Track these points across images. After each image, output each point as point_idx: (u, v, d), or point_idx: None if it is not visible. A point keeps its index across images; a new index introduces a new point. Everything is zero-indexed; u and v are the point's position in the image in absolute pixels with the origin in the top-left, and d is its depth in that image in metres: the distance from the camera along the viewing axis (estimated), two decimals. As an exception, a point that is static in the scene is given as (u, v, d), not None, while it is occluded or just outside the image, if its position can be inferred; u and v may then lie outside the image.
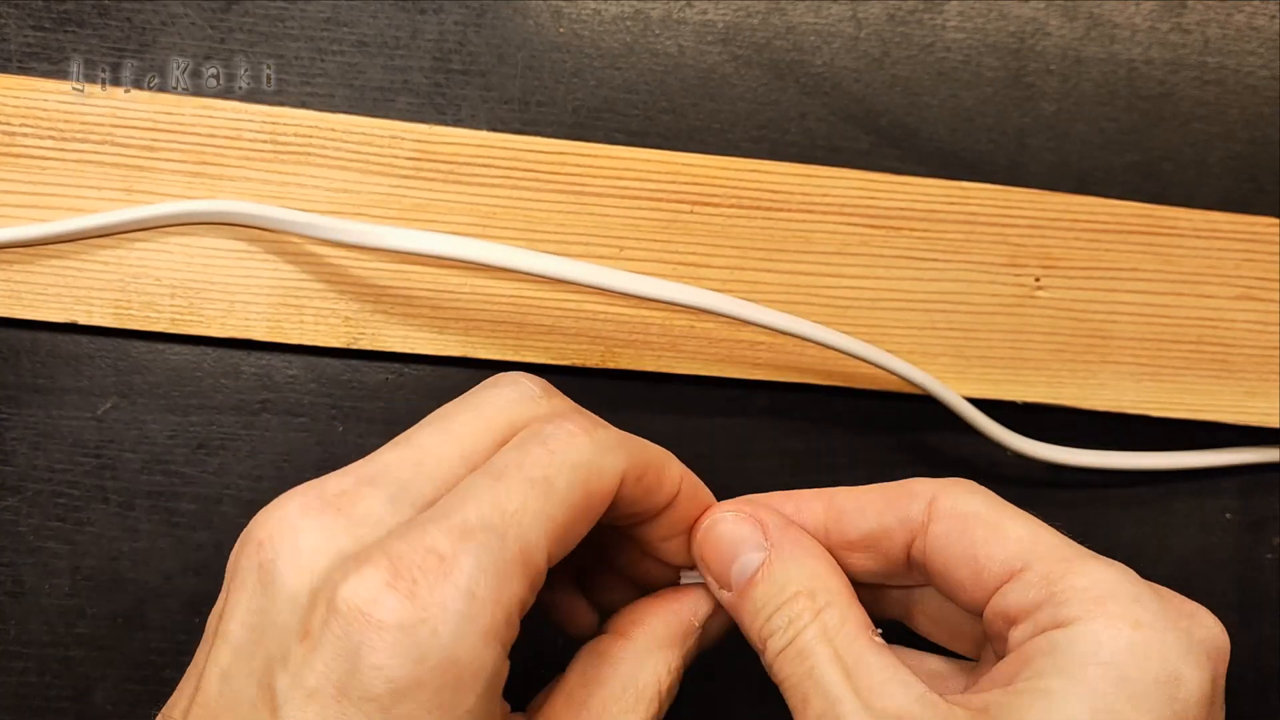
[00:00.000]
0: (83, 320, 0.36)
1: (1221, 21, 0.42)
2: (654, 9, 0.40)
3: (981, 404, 0.39)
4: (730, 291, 0.38)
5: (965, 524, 0.27)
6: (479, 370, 0.39)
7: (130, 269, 0.37)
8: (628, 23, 0.40)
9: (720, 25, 0.40)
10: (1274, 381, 0.41)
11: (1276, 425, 0.41)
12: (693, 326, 0.39)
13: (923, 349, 0.40)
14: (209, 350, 0.38)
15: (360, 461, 0.26)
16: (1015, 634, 0.26)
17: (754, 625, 0.27)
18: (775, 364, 0.39)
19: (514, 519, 0.24)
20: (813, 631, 0.26)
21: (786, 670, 0.26)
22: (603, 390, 0.39)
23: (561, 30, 0.39)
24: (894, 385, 0.39)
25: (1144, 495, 0.42)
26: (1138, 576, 0.26)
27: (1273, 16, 0.42)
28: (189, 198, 0.37)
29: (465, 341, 0.38)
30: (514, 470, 0.25)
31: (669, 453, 0.29)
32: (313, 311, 0.37)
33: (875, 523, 0.28)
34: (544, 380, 0.29)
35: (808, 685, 0.26)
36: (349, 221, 0.36)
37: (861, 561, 0.29)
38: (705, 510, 0.30)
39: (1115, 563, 0.26)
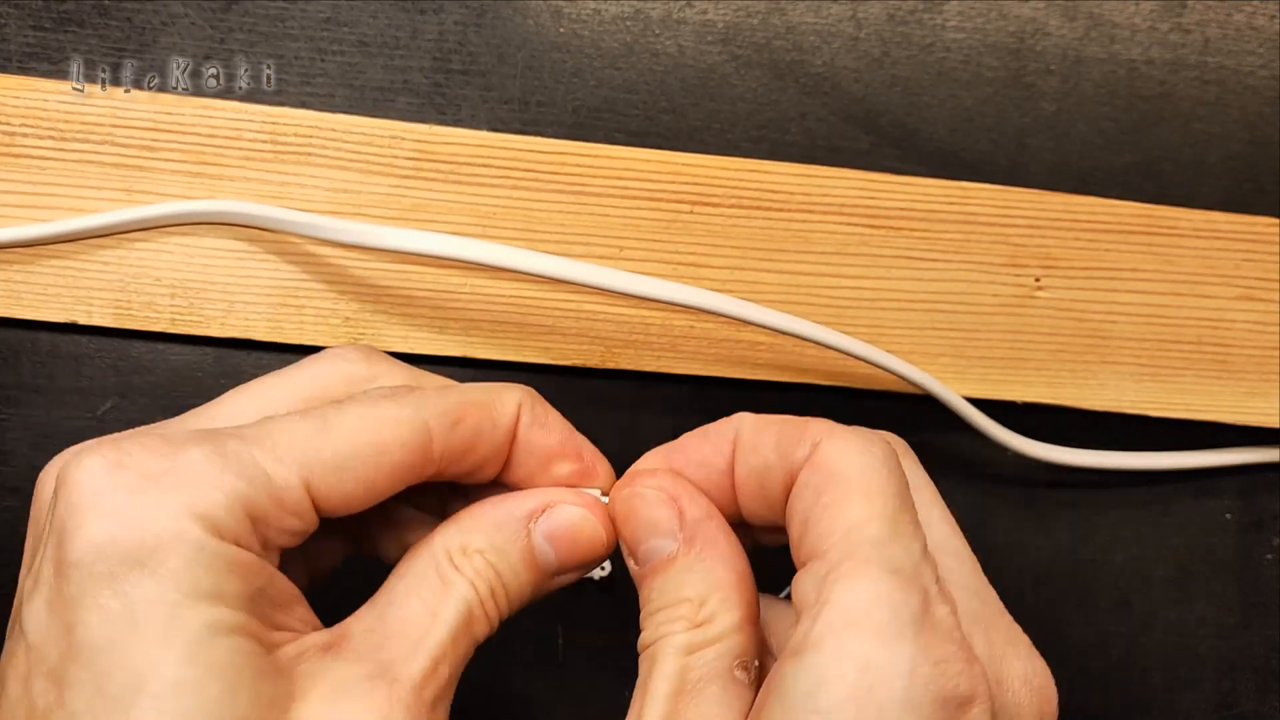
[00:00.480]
0: (83, 320, 0.36)
1: (1221, 21, 0.42)
2: (654, 9, 0.40)
3: (981, 404, 0.39)
4: (730, 292, 0.38)
5: (825, 481, 0.24)
6: (479, 370, 0.39)
7: (130, 269, 0.37)
8: (628, 23, 0.40)
9: (720, 25, 0.40)
10: (1274, 382, 0.41)
11: (1276, 425, 0.41)
12: (692, 327, 0.39)
13: (922, 349, 0.40)
14: (209, 350, 0.38)
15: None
16: (789, 638, 0.23)
17: (645, 608, 0.26)
18: (775, 364, 0.39)
19: (268, 434, 0.23)
20: (677, 642, 0.24)
21: (640, 665, 0.25)
22: (603, 390, 0.39)
23: (561, 30, 0.39)
24: (894, 385, 0.39)
25: (1144, 495, 0.42)
26: (927, 594, 0.22)
27: (1272, 16, 0.42)
28: (189, 198, 0.37)
29: (465, 342, 0.38)
30: (294, 410, 0.25)
31: (510, 389, 0.28)
32: (313, 312, 0.37)
33: (764, 461, 0.26)
34: (369, 348, 0.29)
35: (639, 689, 0.25)
36: (349, 221, 0.36)
37: (750, 501, 0.27)
38: (563, 445, 0.28)
39: (908, 573, 0.22)
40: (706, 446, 0.27)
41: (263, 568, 0.23)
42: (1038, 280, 0.40)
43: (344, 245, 0.36)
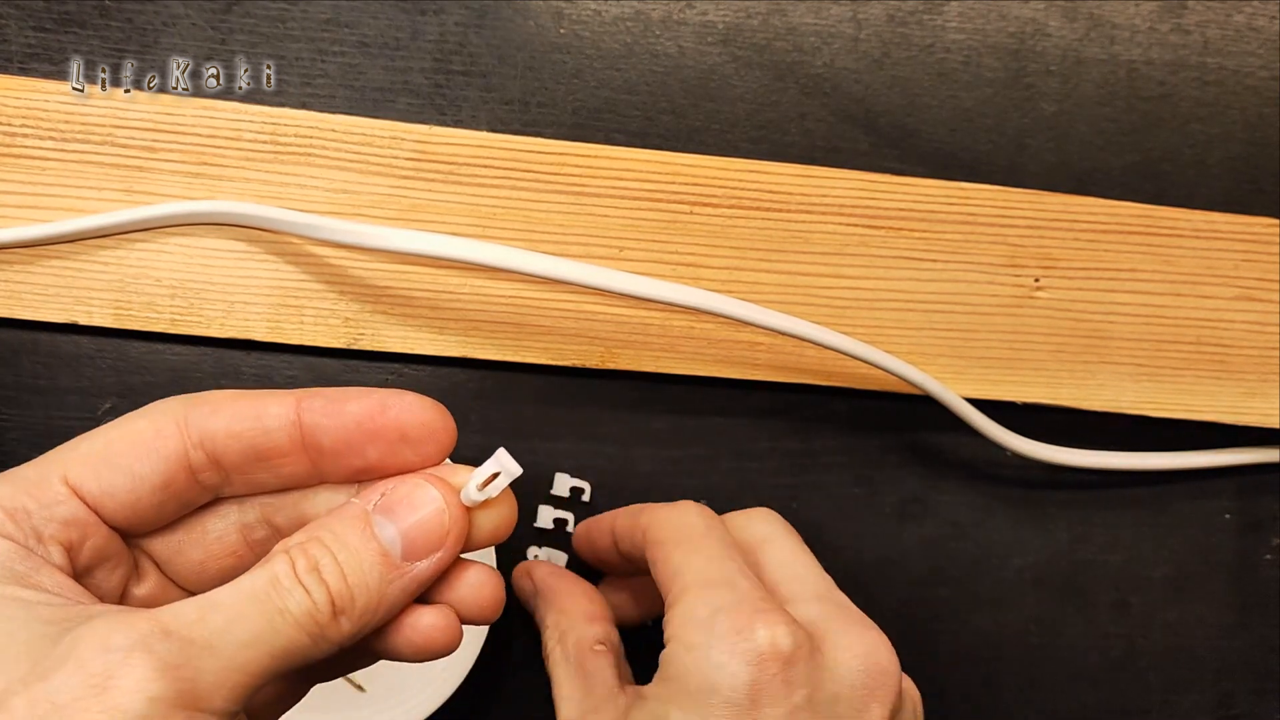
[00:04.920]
0: (83, 321, 0.36)
1: (1221, 22, 0.42)
2: (654, 10, 0.40)
3: (981, 404, 0.39)
4: (729, 292, 0.38)
5: (655, 550, 0.34)
6: (479, 370, 0.39)
7: (130, 270, 0.37)
8: (628, 24, 0.40)
9: (720, 26, 0.40)
10: (1273, 382, 0.41)
11: (1275, 425, 0.41)
12: (692, 327, 0.39)
13: (922, 349, 0.40)
14: (209, 351, 0.38)
15: None
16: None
17: None
18: (774, 364, 0.39)
19: (45, 456, 0.27)
20: (557, 652, 0.35)
21: (547, 668, 0.36)
22: (602, 390, 0.39)
23: (562, 31, 0.39)
24: (893, 385, 0.39)
25: (1144, 495, 0.42)
26: (727, 599, 0.31)
27: (1272, 17, 0.42)
28: (189, 198, 0.37)
29: (465, 342, 0.38)
30: None
31: (280, 394, 0.28)
32: (313, 312, 0.37)
33: (631, 543, 0.35)
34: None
35: (552, 679, 0.35)
36: (349, 222, 0.36)
37: (632, 565, 0.36)
38: (370, 414, 0.28)
39: (714, 586, 0.31)
40: (595, 533, 0.38)
41: (20, 551, 0.25)
42: (1037, 281, 0.40)
43: (344, 245, 0.36)
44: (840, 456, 0.41)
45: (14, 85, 0.36)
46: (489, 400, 0.39)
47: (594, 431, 0.39)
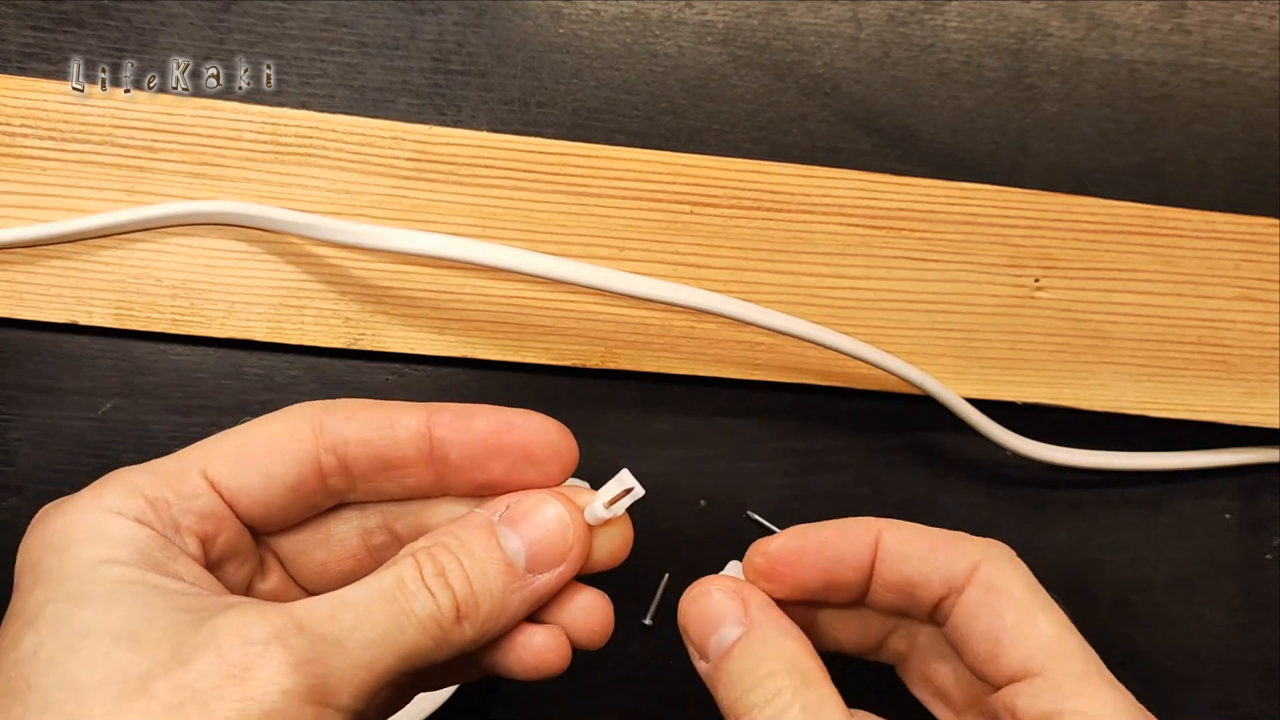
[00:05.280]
0: (84, 321, 0.36)
1: (1222, 23, 0.42)
2: (653, 10, 0.40)
3: (982, 405, 0.39)
4: (730, 292, 0.38)
5: (999, 601, 0.27)
6: (479, 370, 0.39)
7: (131, 270, 0.37)
8: (627, 23, 0.40)
9: (720, 26, 0.40)
10: (1274, 382, 0.41)
11: (1276, 425, 0.41)
12: (693, 327, 0.39)
13: (923, 350, 0.40)
14: (211, 351, 0.38)
15: None
16: None
17: (729, 696, 0.27)
18: (775, 364, 0.39)
19: (185, 448, 0.27)
20: (795, 710, 0.26)
21: None
22: (603, 390, 0.39)
23: (561, 31, 0.39)
24: (894, 386, 0.39)
25: (1144, 495, 0.42)
26: (1137, 704, 0.27)
27: (1273, 17, 0.42)
28: (190, 198, 0.37)
29: (466, 342, 0.38)
30: None
31: (412, 406, 0.28)
32: (314, 312, 0.37)
33: (918, 572, 0.28)
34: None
35: None
36: (349, 222, 0.36)
37: (888, 598, 0.29)
38: (497, 431, 0.28)
39: (1120, 687, 0.27)
40: (843, 543, 0.29)
41: (159, 539, 0.26)
42: (1037, 281, 0.40)
43: (344, 246, 0.36)
44: (842, 457, 0.41)
45: (14, 85, 0.36)
46: (489, 400, 0.39)
47: (595, 432, 0.39)
